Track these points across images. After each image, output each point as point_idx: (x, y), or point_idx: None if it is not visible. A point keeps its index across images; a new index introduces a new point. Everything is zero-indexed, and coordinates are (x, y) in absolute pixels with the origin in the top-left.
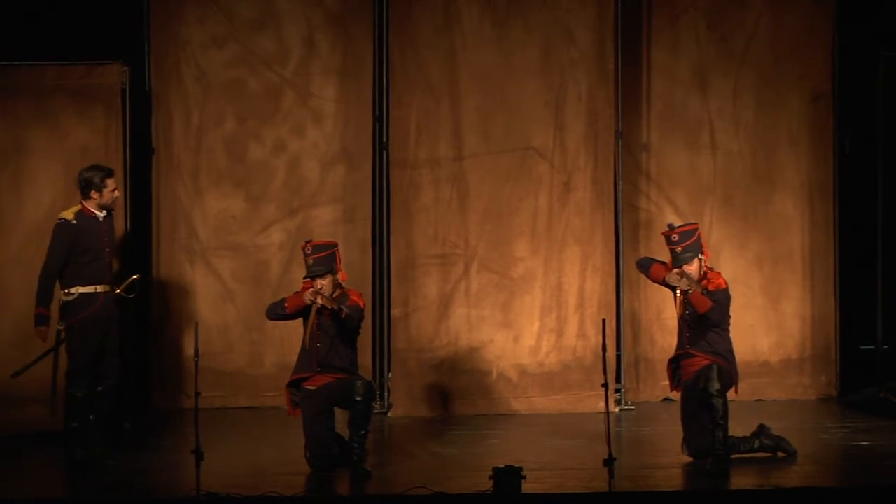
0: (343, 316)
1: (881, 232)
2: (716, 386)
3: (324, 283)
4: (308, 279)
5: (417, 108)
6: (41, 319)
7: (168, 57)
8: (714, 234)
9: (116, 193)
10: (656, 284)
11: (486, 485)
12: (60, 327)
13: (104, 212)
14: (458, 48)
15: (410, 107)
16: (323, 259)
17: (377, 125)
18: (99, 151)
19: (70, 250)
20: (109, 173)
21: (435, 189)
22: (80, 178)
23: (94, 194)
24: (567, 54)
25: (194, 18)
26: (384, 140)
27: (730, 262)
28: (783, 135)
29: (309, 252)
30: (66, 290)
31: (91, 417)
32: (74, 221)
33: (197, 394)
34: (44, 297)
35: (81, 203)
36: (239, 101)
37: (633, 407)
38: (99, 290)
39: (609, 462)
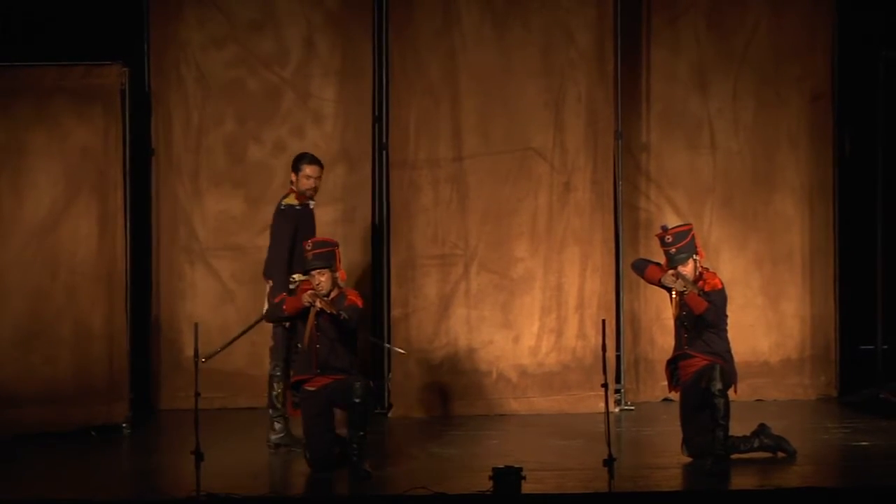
0: (342, 319)
1: (881, 232)
2: (718, 386)
3: (322, 279)
4: (306, 273)
5: (417, 108)
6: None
7: (167, 58)
8: (714, 234)
9: (312, 183)
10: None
11: (486, 485)
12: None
13: (310, 201)
14: (458, 49)
15: (410, 107)
16: (322, 255)
17: (377, 126)
18: (98, 152)
19: (293, 236)
20: (311, 160)
21: (434, 190)
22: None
23: (292, 177)
24: (566, 55)
25: (194, 19)
26: (384, 141)
27: (729, 262)
28: (783, 135)
29: (309, 248)
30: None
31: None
32: (298, 207)
33: (197, 394)
34: (285, 284)
35: (291, 189)
36: (238, 101)
37: (632, 407)
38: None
39: (609, 462)
